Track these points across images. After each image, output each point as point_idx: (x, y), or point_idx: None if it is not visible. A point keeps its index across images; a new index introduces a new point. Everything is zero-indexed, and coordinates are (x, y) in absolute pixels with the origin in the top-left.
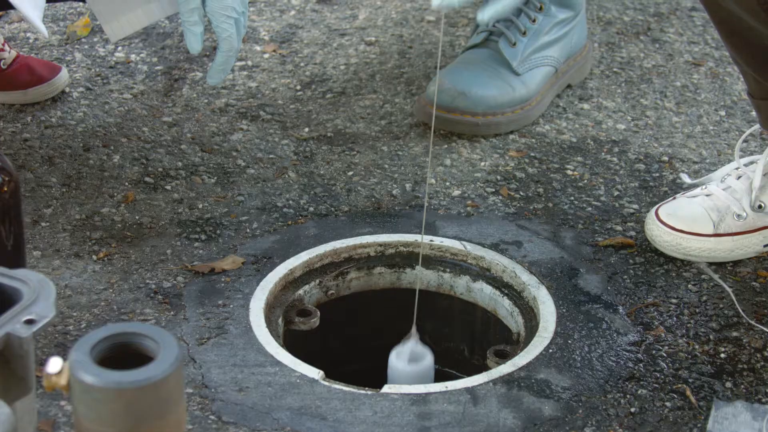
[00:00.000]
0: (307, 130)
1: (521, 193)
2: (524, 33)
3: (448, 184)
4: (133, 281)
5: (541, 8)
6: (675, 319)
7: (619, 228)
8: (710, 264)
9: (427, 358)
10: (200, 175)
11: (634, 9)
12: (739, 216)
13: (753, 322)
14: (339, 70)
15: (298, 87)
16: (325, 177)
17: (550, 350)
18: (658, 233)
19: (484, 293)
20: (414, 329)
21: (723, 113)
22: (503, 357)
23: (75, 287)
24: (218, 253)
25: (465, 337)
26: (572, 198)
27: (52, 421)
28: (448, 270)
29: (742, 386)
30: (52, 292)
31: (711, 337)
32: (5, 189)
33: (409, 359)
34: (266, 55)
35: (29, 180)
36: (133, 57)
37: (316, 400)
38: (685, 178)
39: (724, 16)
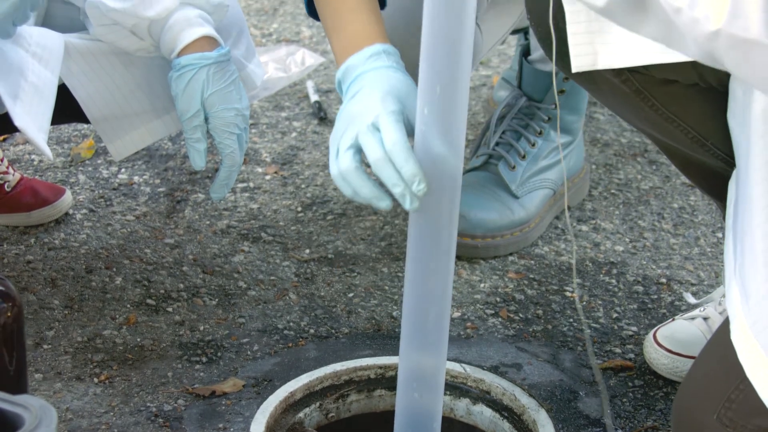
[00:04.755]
0: (308, 251)
1: (520, 315)
2: (524, 157)
3: None
4: (134, 404)
5: (540, 133)
6: None
7: (618, 350)
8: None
9: None
10: (201, 297)
11: (631, 131)
12: None
13: None
14: (340, 191)
15: (299, 208)
16: (325, 299)
17: None
18: (656, 356)
19: (484, 416)
20: None
21: (720, 235)
22: None
23: (76, 410)
24: (219, 376)
25: None
26: (571, 320)
27: None
28: (448, 392)
29: None
30: (54, 418)
31: None
32: (8, 314)
33: None
34: (268, 177)
35: (32, 302)
36: (136, 179)
37: None
38: (689, 298)
39: (675, 152)
